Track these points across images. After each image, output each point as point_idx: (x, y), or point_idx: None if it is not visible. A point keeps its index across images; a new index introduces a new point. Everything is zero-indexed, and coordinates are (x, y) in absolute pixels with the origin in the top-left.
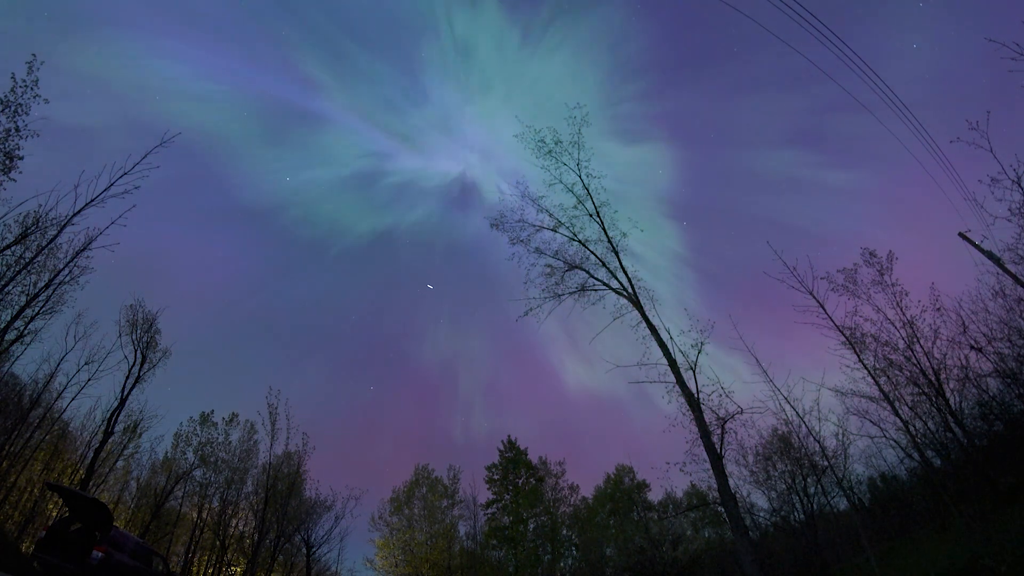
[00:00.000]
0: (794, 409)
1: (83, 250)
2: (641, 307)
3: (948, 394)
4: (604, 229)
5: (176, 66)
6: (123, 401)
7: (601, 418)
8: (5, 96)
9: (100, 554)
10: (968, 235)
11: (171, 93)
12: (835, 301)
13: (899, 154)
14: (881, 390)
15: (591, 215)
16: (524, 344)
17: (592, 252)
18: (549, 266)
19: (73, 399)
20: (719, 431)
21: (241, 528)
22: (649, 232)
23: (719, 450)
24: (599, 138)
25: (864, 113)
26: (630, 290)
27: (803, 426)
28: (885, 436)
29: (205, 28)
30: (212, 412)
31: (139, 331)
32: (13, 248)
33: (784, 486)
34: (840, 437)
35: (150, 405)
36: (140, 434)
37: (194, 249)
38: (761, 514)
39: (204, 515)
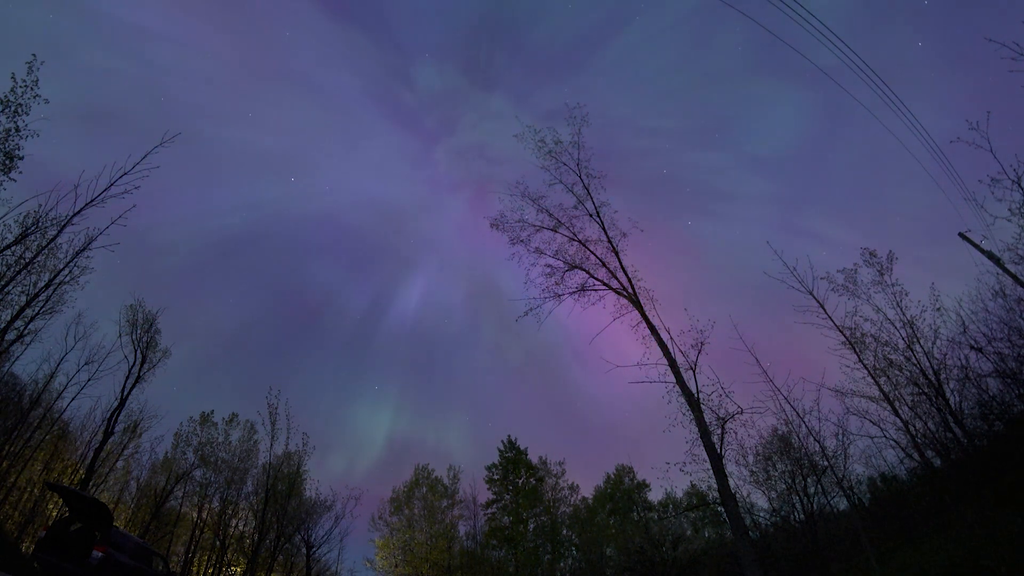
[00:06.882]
0: (794, 409)
1: (83, 250)
2: (641, 307)
3: (948, 394)
4: (604, 229)
5: None
6: (123, 401)
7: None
8: (5, 96)
9: (100, 554)
10: (968, 235)
11: None
12: (835, 301)
13: (899, 153)
14: (881, 390)
15: (591, 215)
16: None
17: (592, 252)
18: (549, 266)
19: (73, 399)
20: (719, 431)
21: (241, 528)
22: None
23: (719, 450)
24: None
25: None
26: (630, 290)
27: (803, 426)
28: (885, 436)
29: None
30: (212, 412)
31: (139, 331)
32: (13, 248)
33: (784, 486)
34: (840, 437)
35: (150, 405)
36: (140, 434)
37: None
38: (761, 514)
39: (204, 515)
